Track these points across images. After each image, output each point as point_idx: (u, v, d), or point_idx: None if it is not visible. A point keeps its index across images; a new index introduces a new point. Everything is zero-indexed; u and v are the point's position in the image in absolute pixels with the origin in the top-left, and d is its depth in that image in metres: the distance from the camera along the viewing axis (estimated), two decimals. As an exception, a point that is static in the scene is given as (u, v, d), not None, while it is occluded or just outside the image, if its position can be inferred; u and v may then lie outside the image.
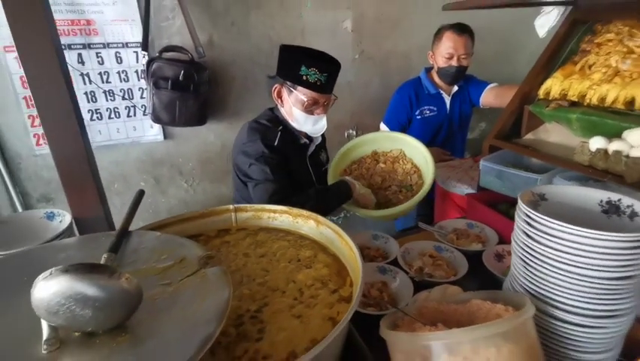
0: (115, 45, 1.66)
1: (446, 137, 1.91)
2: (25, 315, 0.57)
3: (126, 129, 1.80)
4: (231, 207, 1.01)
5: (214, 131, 1.97)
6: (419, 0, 2.12)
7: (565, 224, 0.62)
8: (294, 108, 1.29)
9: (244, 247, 0.91)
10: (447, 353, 0.58)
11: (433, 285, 0.94)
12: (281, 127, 1.33)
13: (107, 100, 1.73)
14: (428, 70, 1.91)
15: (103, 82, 1.70)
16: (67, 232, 0.94)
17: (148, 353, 0.54)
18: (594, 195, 0.74)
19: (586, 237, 0.60)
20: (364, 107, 2.25)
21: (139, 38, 1.67)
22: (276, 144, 1.31)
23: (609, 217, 0.70)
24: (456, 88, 1.86)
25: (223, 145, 2.00)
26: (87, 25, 1.59)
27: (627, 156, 0.98)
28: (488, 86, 1.84)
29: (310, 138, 1.43)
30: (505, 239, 1.24)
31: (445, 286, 0.87)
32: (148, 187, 1.89)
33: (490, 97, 1.82)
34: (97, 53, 1.65)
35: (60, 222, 0.97)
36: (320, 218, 0.92)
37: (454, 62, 1.73)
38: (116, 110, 1.75)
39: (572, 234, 0.61)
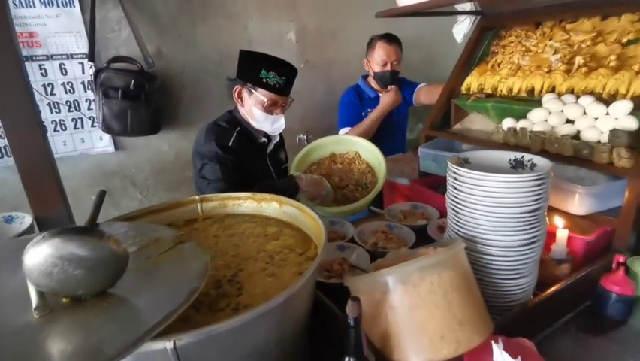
0: (59, 57, 1.64)
1: (388, 134, 2.10)
2: (7, 295, 0.59)
3: (73, 141, 1.75)
4: (197, 197, 1.06)
5: (167, 140, 1.98)
6: (353, 12, 2.33)
7: (483, 173, 0.77)
8: (254, 108, 1.37)
9: (213, 231, 0.97)
10: (400, 283, 0.69)
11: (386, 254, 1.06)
12: (238, 128, 1.40)
13: (51, 112, 1.68)
14: (365, 77, 2.11)
15: (47, 94, 1.66)
16: (29, 233, 0.94)
17: (139, 307, 0.59)
18: (504, 156, 0.91)
19: (499, 181, 0.76)
20: (312, 112, 2.39)
21: (84, 50, 1.66)
22: (230, 144, 1.37)
23: (517, 171, 0.88)
24: (391, 91, 2.07)
25: (177, 154, 2.01)
26: (30, 37, 1.56)
27: (531, 132, 1.19)
28: (418, 86, 2.08)
29: (269, 137, 1.51)
30: (445, 214, 1.41)
31: (397, 250, 1.00)
32: (98, 201, 1.83)
33: (420, 95, 2.06)
34: (40, 65, 1.61)
35: (20, 223, 0.96)
36: (283, 198, 1.01)
37: (388, 68, 1.95)
38: (61, 122, 1.70)
39: (488, 180, 0.77)
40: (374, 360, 0.67)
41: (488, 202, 0.78)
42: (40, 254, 0.53)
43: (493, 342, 0.66)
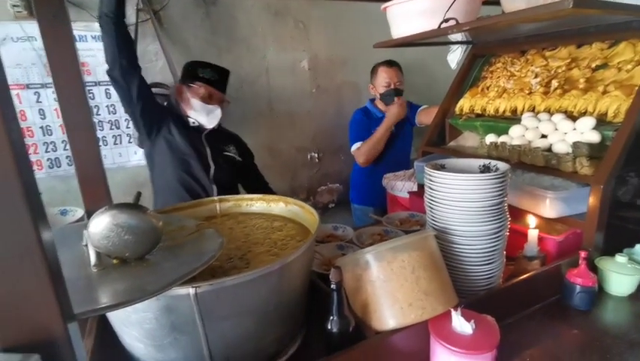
0: (105, 83, 1.92)
1: (393, 152, 2.27)
2: (70, 259, 0.78)
3: (112, 155, 2.01)
4: (216, 198, 1.26)
5: (191, 155, 2.22)
6: (361, 42, 2.56)
7: (451, 174, 0.93)
8: (192, 99, 1.63)
9: (228, 225, 1.16)
10: (377, 260, 0.85)
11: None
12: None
13: (97, 130, 1.96)
14: (372, 100, 2.31)
15: (94, 114, 1.93)
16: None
17: (170, 267, 0.77)
18: (475, 163, 1.07)
19: (464, 180, 0.92)
20: (323, 132, 2.60)
21: (126, 77, 1.94)
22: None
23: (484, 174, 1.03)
24: (397, 112, 2.26)
25: (199, 168, 2.24)
26: (82, 67, 1.85)
27: (509, 145, 1.34)
28: (420, 108, 2.26)
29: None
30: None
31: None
32: (130, 209, 2.07)
33: (422, 116, 2.24)
34: (89, 90, 1.90)
35: (72, 216, 1.17)
36: (288, 199, 1.19)
37: (392, 87, 2.15)
38: (104, 138, 1.97)
39: (458, 180, 0.93)
40: (354, 321, 0.82)
41: (456, 198, 0.93)
42: (103, 221, 0.72)
43: (452, 309, 0.80)
